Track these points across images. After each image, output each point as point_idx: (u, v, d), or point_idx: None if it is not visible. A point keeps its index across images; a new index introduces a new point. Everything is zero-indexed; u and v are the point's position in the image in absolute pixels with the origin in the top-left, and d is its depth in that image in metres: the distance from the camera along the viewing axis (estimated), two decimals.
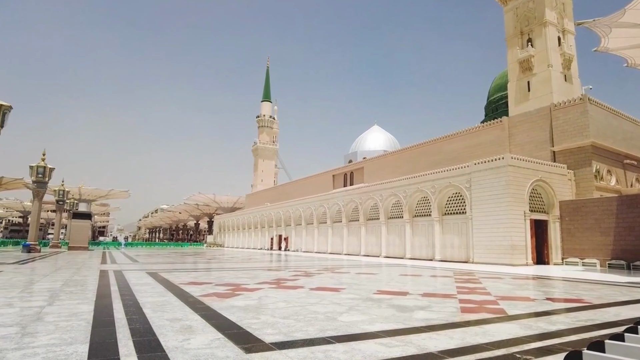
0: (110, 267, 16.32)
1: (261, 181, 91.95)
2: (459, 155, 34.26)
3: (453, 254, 27.17)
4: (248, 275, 13.63)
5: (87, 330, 4.98)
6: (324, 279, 12.78)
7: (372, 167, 45.09)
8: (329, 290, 9.75)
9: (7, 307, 6.49)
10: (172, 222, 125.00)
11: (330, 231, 41.57)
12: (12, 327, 5.09)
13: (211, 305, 7.05)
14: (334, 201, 41.22)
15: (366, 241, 36.20)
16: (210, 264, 21.77)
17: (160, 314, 6.08)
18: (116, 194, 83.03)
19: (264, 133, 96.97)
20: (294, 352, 4.15)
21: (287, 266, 20.01)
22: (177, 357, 3.85)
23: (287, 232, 50.95)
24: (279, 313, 6.36)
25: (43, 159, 31.16)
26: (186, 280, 11.60)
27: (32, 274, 13.05)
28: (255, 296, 8.36)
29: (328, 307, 7.00)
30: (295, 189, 59.06)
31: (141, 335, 4.75)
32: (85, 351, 4.04)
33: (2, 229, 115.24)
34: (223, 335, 4.78)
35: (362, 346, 4.43)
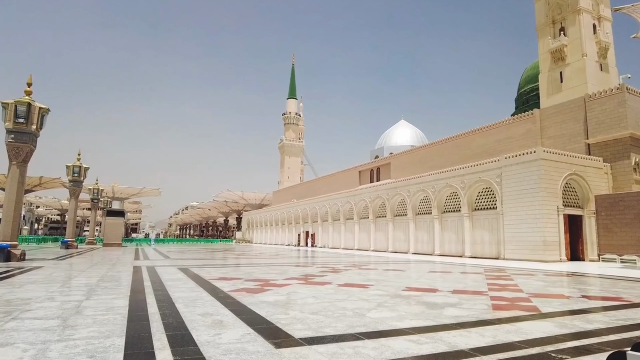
0: (143, 263, 16.80)
1: (287, 178, 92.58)
2: (488, 149, 33.54)
3: (483, 250, 26.66)
4: (276, 271, 13.76)
5: (123, 324, 5.14)
6: (352, 276, 12.77)
7: (399, 163, 44.68)
8: (357, 286, 9.74)
9: (49, 301, 6.78)
10: (202, 218, 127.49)
11: (357, 227, 41.47)
12: (54, 319, 5.31)
13: (241, 300, 7.16)
14: (361, 197, 41.07)
15: (394, 237, 35.94)
16: (239, 259, 22.10)
17: (192, 309, 6.22)
18: (148, 192, 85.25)
19: (290, 130, 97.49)
20: (323, 347, 4.17)
21: (315, 262, 20.10)
22: (209, 352, 3.93)
23: (313, 228, 51.14)
24: (308, 309, 6.40)
25: (78, 158, 32.29)
26: (216, 275, 11.82)
27: (70, 269, 13.57)
28: (284, 292, 8.43)
29: (356, 304, 7.00)
30: (321, 186, 59.17)
31: (174, 329, 4.87)
32: (122, 344, 4.17)
33: (42, 226, 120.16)
34: (253, 330, 4.85)
35: (392, 343, 4.41)
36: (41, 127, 17.00)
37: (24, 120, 16.27)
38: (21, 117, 16.25)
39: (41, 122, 16.93)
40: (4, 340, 4.24)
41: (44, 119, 17.09)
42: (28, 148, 16.51)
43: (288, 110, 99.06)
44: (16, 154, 16.23)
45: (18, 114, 16.20)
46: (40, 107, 16.76)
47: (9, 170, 16.42)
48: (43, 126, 17.11)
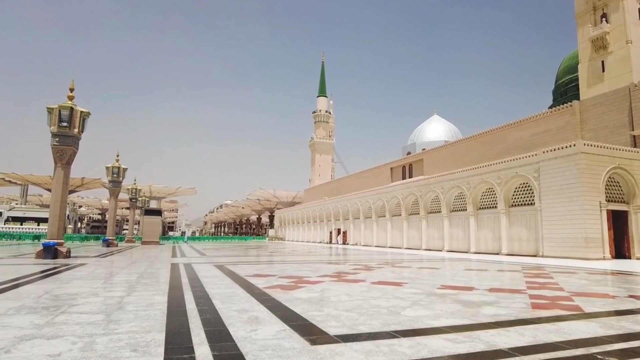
0: (180, 260, 17.27)
1: (318, 176, 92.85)
2: (525, 143, 32.52)
3: (521, 248, 25.90)
4: (309, 268, 13.85)
5: (163, 319, 5.31)
6: (385, 273, 12.69)
7: (432, 159, 43.97)
8: (390, 284, 9.67)
9: (94, 297, 7.08)
10: (236, 216, 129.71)
11: (390, 225, 41.14)
12: (98, 314, 5.55)
13: (276, 297, 7.25)
14: (393, 194, 40.71)
15: (427, 235, 35.45)
16: (272, 256, 22.36)
17: (228, 305, 6.35)
18: (183, 191, 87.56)
19: (320, 128, 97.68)
20: (358, 345, 4.17)
21: (347, 260, 20.09)
22: (246, 347, 4.01)
23: (345, 225, 51.10)
24: (342, 306, 6.41)
25: (117, 159, 33.48)
26: (251, 272, 12.01)
27: (112, 266, 14.12)
28: (317, 289, 8.48)
29: (391, 302, 6.95)
30: (352, 183, 59.00)
31: (212, 325, 4.99)
32: (162, 339, 4.31)
33: (85, 225, 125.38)
34: (288, 327, 4.90)
35: (428, 341, 4.36)
36: (83, 130, 17.72)
37: (67, 124, 17.01)
38: (64, 121, 16.99)
39: (83, 125, 17.65)
40: (55, 333, 4.47)
41: (85, 122, 17.81)
42: (71, 150, 17.26)
43: (318, 108, 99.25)
44: (60, 156, 17.00)
45: (62, 118, 16.95)
46: (81, 111, 17.48)
47: (55, 172, 17.22)
48: (84, 129, 17.84)
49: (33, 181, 71.87)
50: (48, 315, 5.40)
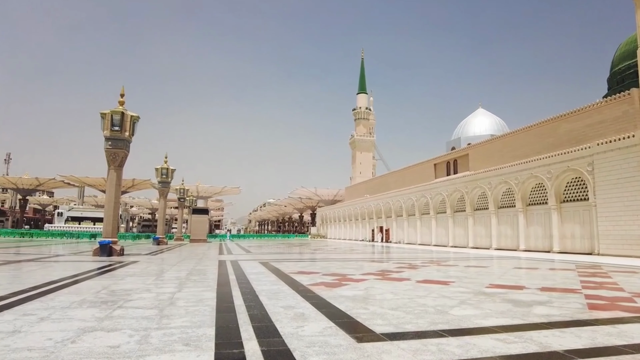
0: (227, 258, 17.73)
1: (359, 173, 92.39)
2: (577, 135, 30.86)
3: (574, 245, 24.68)
4: (352, 266, 13.83)
5: (212, 315, 5.48)
6: (431, 272, 12.47)
7: (477, 153, 42.65)
8: (436, 283, 9.49)
9: (147, 292, 7.41)
10: (279, 214, 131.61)
11: (434, 222, 40.35)
12: (152, 309, 5.80)
13: (320, 294, 7.30)
14: (437, 191, 39.89)
15: (474, 232, 34.49)
16: (315, 254, 22.51)
17: (274, 302, 6.46)
18: (228, 191, 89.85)
19: (361, 125, 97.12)
20: (405, 343, 4.13)
21: (390, 258, 19.90)
22: (293, 343, 4.06)
23: (387, 223, 50.61)
24: (387, 304, 6.37)
25: (165, 161, 34.83)
26: (295, 269, 12.15)
27: (162, 263, 14.70)
28: (361, 287, 8.46)
29: (437, 301, 6.83)
30: (394, 180, 58.27)
31: (259, 321, 5.09)
32: (212, 334, 4.45)
33: (136, 224, 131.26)
34: (334, 324, 4.93)
35: (477, 341, 4.25)
36: (133, 134, 18.56)
37: (118, 128, 17.88)
38: (116, 125, 17.86)
39: (133, 129, 18.49)
40: (113, 326, 4.73)
41: (135, 126, 18.64)
42: (123, 153, 18.12)
43: (358, 105, 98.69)
44: (113, 159, 17.89)
45: (114, 123, 17.83)
46: (131, 115, 18.31)
47: (108, 174, 18.15)
48: (134, 132, 18.67)
49: (89, 183, 76.15)
50: (107, 310, 5.71)
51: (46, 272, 11.00)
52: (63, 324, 4.82)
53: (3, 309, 5.66)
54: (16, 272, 11.08)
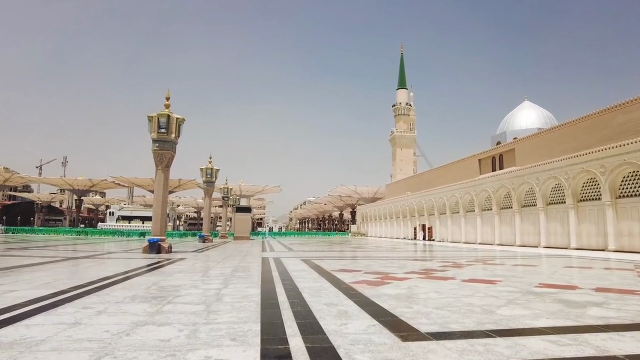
0: (269, 255, 18.02)
1: (400, 170, 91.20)
2: (634, 126, 29.02)
3: (632, 244, 23.26)
4: (395, 265, 13.70)
5: (257, 311, 5.59)
6: (476, 271, 12.14)
7: (524, 148, 41.02)
8: (482, 282, 9.24)
9: (194, 289, 7.67)
10: (319, 212, 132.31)
11: (479, 220, 39.23)
12: (199, 305, 6.00)
13: (363, 292, 7.28)
14: (482, 187, 38.74)
15: (521, 230, 33.25)
16: (356, 252, 22.46)
17: (317, 299, 6.51)
18: (270, 189, 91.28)
19: (401, 121, 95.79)
20: (451, 343, 4.05)
21: (434, 256, 19.54)
22: (337, 340, 4.08)
23: (430, 221, 49.69)
24: (432, 303, 6.26)
25: (210, 161, 35.82)
26: (336, 267, 12.18)
27: (208, 260, 15.15)
28: (404, 285, 8.36)
29: (484, 300, 6.64)
30: (437, 177, 57.09)
31: (303, 318, 5.15)
32: (258, 330, 4.54)
33: (182, 223, 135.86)
34: (378, 322, 4.90)
35: (527, 342, 4.10)
36: (179, 135, 19.20)
37: (165, 130, 18.55)
38: (163, 127, 18.54)
39: (179, 130, 19.13)
40: (164, 320, 4.93)
41: (180, 128, 19.28)
42: (170, 154, 18.79)
43: (398, 101, 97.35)
44: (160, 160, 18.59)
45: (160, 125, 18.52)
46: (177, 118, 18.95)
47: (156, 175, 18.88)
48: (180, 134, 19.31)
49: (137, 183, 79.66)
50: (157, 305, 5.95)
51: (101, 268, 11.61)
52: (118, 317, 5.07)
53: (65, 301, 6.03)
54: (74, 267, 11.77)
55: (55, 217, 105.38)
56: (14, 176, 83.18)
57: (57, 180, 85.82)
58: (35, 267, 11.17)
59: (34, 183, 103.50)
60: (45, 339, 4.01)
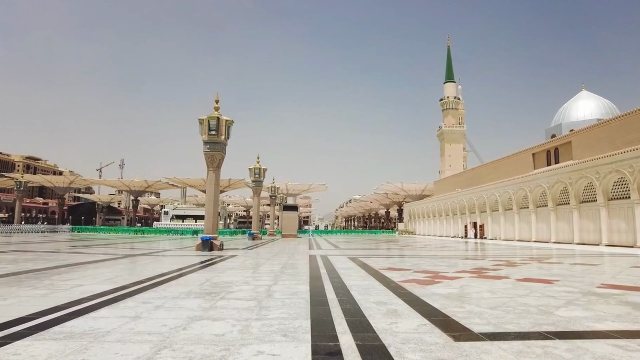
0: (316, 253, 18.17)
1: (449, 166, 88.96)
2: None
3: None
4: (445, 264, 13.40)
5: (307, 308, 5.66)
6: (531, 270, 11.64)
7: (583, 140, 38.75)
8: (538, 281, 8.85)
9: (245, 285, 7.88)
10: (365, 210, 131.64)
11: (534, 217, 37.53)
12: (251, 301, 6.16)
13: (412, 291, 7.18)
14: (537, 183, 37.03)
15: (580, 227, 31.47)
16: (403, 250, 22.16)
17: (366, 297, 6.49)
18: (316, 188, 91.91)
19: (449, 116, 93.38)
20: (506, 344, 3.91)
21: (486, 255, 18.93)
22: (388, 339, 4.06)
23: (482, 218, 48.12)
24: (485, 303, 6.07)
25: (258, 161, 36.57)
26: (384, 265, 12.08)
27: (258, 257, 15.50)
28: (456, 284, 8.16)
29: (541, 300, 6.36)
30: (488, 172, 55.15)
31: (352, 315, 5.16)
32: (308, 326, 4.60)
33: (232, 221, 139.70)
34: (429, 322, 4.82)
35: (590, 346, 3.89)
36: (228, 137, 19.76)
37: (215, 132, 19.15)
38: (213, 129, 19.15)
39: (228, 132, 19.69)
40: (218, 316, 5.11)
41: (229, 129, 19.83)
42: (220, 155, 19.38)
43: (445, 95, 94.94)
44: (211, 161, 19.22)
45: (210, 127, 19.14)
46: (226, 120, 19.50)
47: (207, 175, 19.54)
48: (229, 136, 19.86)
49: (190, 184, 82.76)
50: (210, 300, 6.17)
51: (157, 265, 12.19)
52: (174, 312, 5.31)
53: (126, 296, 6.39)
54: (133, 265, 12.43)
55: (114, 216, 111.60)
56: (77, 179, 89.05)
57: (115, 182, 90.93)
58: (99, 264, 11.90)
59: (95, 185, 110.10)
60: (110, 331, 4.28)
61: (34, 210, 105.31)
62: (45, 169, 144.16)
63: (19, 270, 9.87)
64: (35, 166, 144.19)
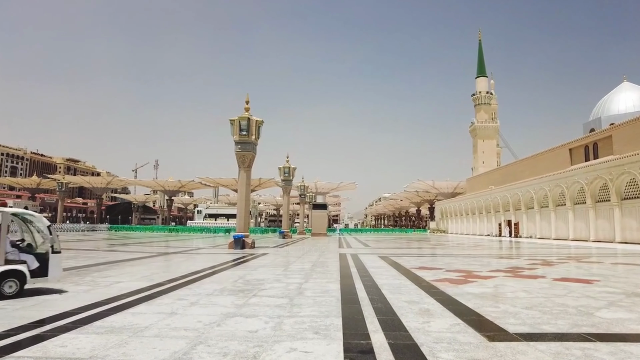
0: (346, 251, 18.16)
1: (482, 163, 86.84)
2: None
3: None
4: (478, 263, 13.13)
5: (338, 306, 5.68)
6: (569, 269, 11.27)
7: (624, 134, 37.04)
8: (577, 281, 8.55)
9: (277, 282, 7.97)
10: (395, 209, 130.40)
11: (571, 215, 36.21)
12: (283, 298, 6.23)
13: (445, 290, 7.08)
14: (574, 179, 35.70)
15: (621, 225, 30.13)
16: (435, 249, 21.85)
17: (397, 296, 6.45)
18: (345, 186, 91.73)
19: (481, 111, 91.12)
20: (544, 345, 3.81)
21: (520, 254, 18.43)
22: (420, 338, 4.02)
23: (516, 216, 46.83)
24: (520, 303, 5.92)
25: (287, 160, 36.87)
26: (416, 264, 11.95)
27: (288, 255, 15.63)
28: (490, 284, 7.99)
29: (580, 301, 6.15)
30: (523, 169, 53.56)
31: (384, 314, 5.14)
32: (340, 324, 4.62)
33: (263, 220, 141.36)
34: (462, 321, 4.75)
35: (636, 349, 3.73)
36: (258, 137, 20.01)
37: (245, 132, 19.43)
38: (243, 130, 19.44)
39: (258, 132, 19.94)
40: (251, 312, 5.20)
41: (260, 129, 20.08)
42: (251, 155, 19.66)
43: (477, 90, 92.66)
44: (243, 160, 19.51)
45: (241, 128, 19.43)
46: (256, 120, 19.76)
47: (239, 175, 19.85)
48: (260, 136, 20.11)
49: (222, 183, 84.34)
50: (243, 297, 6.28)
51: (191, 262, 12.50)
52: (209, 308, 5.44)
53: (162, 293, 6.59)
54: (168, 262, 12.80)
55: (150, 215, 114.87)
56: (114, 179, 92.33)
57: (150, 182, 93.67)
58: (135, 262, 12.30)
59: (131, 185, 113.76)
60: (148, 326, 4.43)
61: (75, 210, 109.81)
62: (84, 170, 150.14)
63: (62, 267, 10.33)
64: (75, 168, 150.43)
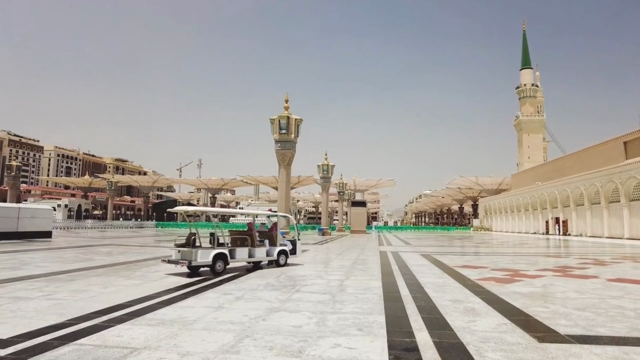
0: (387, 249, 18.02)
1: (528, 158, 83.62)
2: None
3: None
4: (525, 261, 12.69)
5: (380, 303, 5.67)
6: (625, 269, 10.69)
7: None
8: (634, 282, 8.10)
9: (319, 279, 8.05)
10: (436, 206, 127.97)
11: (626, 212, 34.24)
12: (325, 295, 6.29)
13: (490, 289, 6.90)
14: (629, 174, 33.73)
15: None
16: (479, 248, 21.29)
17: (441, 295, 6.36)
18: (384, 183, 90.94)
19: (527, 104, 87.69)
20: (599, 349, 3.65)
21: (570, 253, 17.64)
22: (466, 337, 3.96)
23: (565, 214, 44.81)
24: (571, 304, 5.69)
25: (326, 158, 37.03)
26: (459, 263, 11.71)
27: (328, 252, 15.70)
28: (538, 283, 7.72)
29: (638, 303, 5.83)
30: (572, 164, 51.12)
31: (427, 312, 5.08)
32: (383, 321, 4.62)
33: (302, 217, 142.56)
34: (509, 321, 4.63)
35: None
36: (298, 135, 20.23)
37: (285, 131, 19.70)
38: (283, 128, 19.72)
39: (297, 130, 20.17)
40: (294, 308, 5.28)
41: (299, 128, 20.30)
42: (290, 153, 19.91)
43: (522, 82, 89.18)
44: (282, 159, 19.80)
45: (281, 126, 19.72)
46: (295, 119, 19.98)
47: (279, 173, 20.15)
48: (299, 134, 20.33)
49: (262, 181, 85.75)
50: (287, 293, 6.39)
51: None
52: (254, 303, 5.57)
53: (208, 288, 6.81)
54: None
55: None
56: (160, 178, 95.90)
57: (194, 181, 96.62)
58: None
59: (176, 184, 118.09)
60: (196, 320, 4.60)
61: (123, 208, 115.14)
62: (132, 170, 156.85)
63: (114, 262, 10.88)
64: (123, 167, 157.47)
